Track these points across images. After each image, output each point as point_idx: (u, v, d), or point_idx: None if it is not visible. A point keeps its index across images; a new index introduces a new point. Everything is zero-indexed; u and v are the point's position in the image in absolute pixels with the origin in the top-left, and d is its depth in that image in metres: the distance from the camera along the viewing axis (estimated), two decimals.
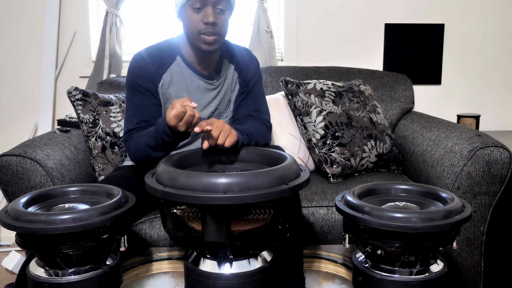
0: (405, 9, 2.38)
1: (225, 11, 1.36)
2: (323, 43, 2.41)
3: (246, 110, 1.53)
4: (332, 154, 1.80)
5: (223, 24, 1.37)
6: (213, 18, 1.33)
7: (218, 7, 1.34)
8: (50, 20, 2.31)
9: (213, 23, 1.34)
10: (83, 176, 1.67)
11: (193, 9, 1.34)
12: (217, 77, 1.50)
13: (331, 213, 1.56)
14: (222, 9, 1.35)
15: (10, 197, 1.48)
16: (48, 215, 1.01)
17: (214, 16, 1.33)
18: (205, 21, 1.33)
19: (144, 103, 1.42)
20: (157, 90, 1.44)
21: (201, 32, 1.35)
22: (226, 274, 1.07)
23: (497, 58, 2.44)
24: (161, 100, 1.46)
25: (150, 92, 1.43)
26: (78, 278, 1.05)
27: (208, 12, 1.33)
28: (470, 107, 2.48)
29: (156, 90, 1.44)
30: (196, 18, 1.35)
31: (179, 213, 1.18)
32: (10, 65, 2.39)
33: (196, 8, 1.34)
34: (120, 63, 2.37)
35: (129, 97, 1.44)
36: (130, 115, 1.42)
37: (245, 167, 1.24)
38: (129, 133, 1.41)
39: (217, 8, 1.35)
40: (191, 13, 1.35)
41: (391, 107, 2.14)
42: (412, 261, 1.07)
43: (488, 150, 1.50)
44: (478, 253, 1.59)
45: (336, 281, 1.36)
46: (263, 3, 2.31)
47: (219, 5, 1.34)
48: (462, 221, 1.02)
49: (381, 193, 1.20)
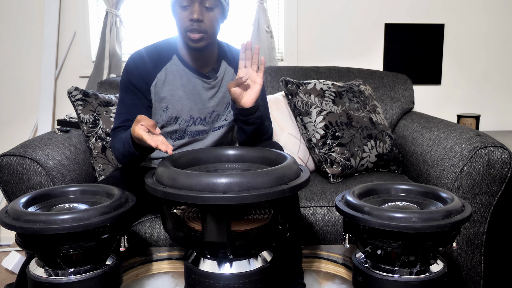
0: (405, 9, 2.38)
1: (213, 9, 1.35)
2: (323, 43, 2.41)
3: None
4: (332, 154, 1.80)
5: (210, 22, 1.36)
6: (198, 15, 1.33)
7: (205, 5, 1.34)
8: (50, 20, 2.31)
9: (197, 20, 1.33)
10: (83, 176, 1.67)
11: (181, 7, 1.35)
12: (214, 77, 1.50)
13: (331, 213, 1.56)
14: (209, 7, 1.34)
15: (10, 197, 1.48)
16: (48, 215, 1.01)
17: (199, 13, 1.33)
18: (190, 17, 1.33)
19: (134, 102, 1.43)
20: (149, 89, 1.44)
21: (187, 30, 1.35)
22: (226, 274, 1.07)
23: (497, 58, 2.44)
24: (153, 100, 1.46)
25: (141, 92, 1.43)
26: (78, 278, 1.05)
27: (194, 9, 1.33)
28: (470, 107, 2.48)
29: (147, 89, 1.44)
30: (183, 15, 1.35)
31: (179, 213, 1.18)
32: (10, 65, 2.39)
33: (183, 5, 1.34)
34: (120, 63, 2.37)
35: (121, 94, 1.45)
36: (119, 112, 1.44)
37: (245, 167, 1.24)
38: (114, 131, 1.43)
39: (204, 6, 1.34)
40: (180, 10, 1.35)
41: (391, 107, 2.14)
42: (412, 261, 1.07)
43: (488, 150, 1.50)
44: (478, 253, 1.59)
45: (336, 281, 1.36)
46: (263, 3, 2.31)
47: (206, 2, 1.34)
48: (462, 221, 1.02)
49: (381, 193, 1.20)
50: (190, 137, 1.52)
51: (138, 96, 1.43)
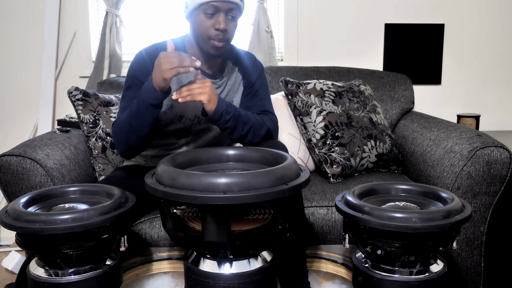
0: (405, 9, 2.38)
1: (236, 18, 1.38)
2: (323, 43, 2.41)
3: (253, 110, 1.52)
4: (332, 154, 1.80)
5: (232, 30, 1.39)
6: (225, 25, 1.34)
7: (230, 14, 1.35)
8: (50, 20, 2.31)
9: (223, 30, 1.35)
10: (83, 176, 1.67)
11: (206, 14, 1.34)
12: (220, 77, 1.50)
13: (331, 213, 1.56)
14: (233, 16, 1.36)
15: (10, 197, 1.48)
16: (48, 215, 1.01)
17: (225, 23, 1.34)
18: (217, 27, 1.34)
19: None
20: None
21: (211, 38, 1.36)
22: (226, 274, 1.07)
23: (497, 58, 2.44)
24: None
25: None
26: (78, 278, 1.05)
27: (220, 19, 1.34)
28: (470, 107, 2.48)
29: None
30: (207, 23, 1.35)
31: (179, 213, 1.18)
32: (10, 65, 2.39)
33: (209, 13, 1.34)
34: (120, 63, 2.37)
35: (125, 90, 1.45)
36: (122, 106, 1.43)
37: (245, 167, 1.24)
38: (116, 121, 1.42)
39: (229, 15, 1.35)
40: (203, 18, 1.35)
41: (391, 107, 2.14)
42: (412, 261, 1.07)
43: (488, 150, 1.50)
44: (478, 253, 1.59)
45: (336, 281, 1.36)
46: (263, 3, 2.31)
47: (232, 12, 1.35)
48: (462, 221, 1.02)
49: (381, 193, 1.20)
50: (193, 135, 1.53)
51: None
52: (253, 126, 1.41)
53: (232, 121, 1.36)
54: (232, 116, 1.35)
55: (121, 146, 1.39)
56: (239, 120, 1.37)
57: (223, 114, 1.33)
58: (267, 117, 1.51)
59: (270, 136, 1.48)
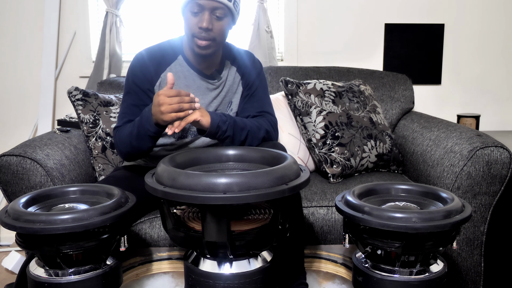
0: (405, 9, 2.39)
1: (222, 18, 1.37)
2: (323, 43, 2.41)
3: (251, 111, 1.53)
4: (332, 154, 1.80)
5: (219, 30, 1.37)
6: (208, 23, 1.34)
7: (216, 14, 1.35)
8: (50, 20, 2.31)
9: (206, 29, 1.35)
10: (83, 176, 1.67)
11: (192, 12, 1.36)
12: (218, 77, 1.50)
13: (331, 213, 1.56)
14: (220, 16, 1.36)
15: (10, 197, 1.48)
16: (48, 215, 1.01)
17: (209, 22, 1.34)
18: (199, 25, 1.35)
19: (136, 103, 1.43)
20: (153, 89, 1.44)
21: (195, 35, 1.37)
22: (226, 274, 1.07)
23: (497, 58, 2.44)
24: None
25: (144, 92, 1.43)
26: (78, 278, 1.05)
27: (204, 17, 1.34)
28: (470, 107, 2.48)
29: (151, 89, 1.44)
30: (193, 21, 1.36)
31: (179, 213, 1.18)
32: (10, 65, 2.39)
33: (194, 11, 1.35)
34: (120, 63, 2.37)
35: (124, 94, 1.46)
36: (122, 112, 1.45)
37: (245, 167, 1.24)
38: (117, 129, 1.44)
39: (214, 14, 1.35)
40: (189, 15, 1.36)
41: (391, 107, 2.14)
42: (412, 261, 1.07)
43: (488, 150, 1.50)
44: (478, 253, 1.59)
45: (336, 281, 1.36)
46: (263, 3, 2.31)
47: (217, 11, 1.35)
48: (462, 221, 1.02)
49: (381, 193, 1.20)
50: (192, 136, 1.53)
51: (141, 96, 1.43)
52: (250, 130, 1.42)
53: (230, 130, 1.36)
54: (228, 124, 1.36)
55: (122, 155, 1.44)
56: (236, 127, 1.38)
57: (220, 125, 1.34)
58: (264, 118, 1.51)
59: (269, 137, 1.49)
